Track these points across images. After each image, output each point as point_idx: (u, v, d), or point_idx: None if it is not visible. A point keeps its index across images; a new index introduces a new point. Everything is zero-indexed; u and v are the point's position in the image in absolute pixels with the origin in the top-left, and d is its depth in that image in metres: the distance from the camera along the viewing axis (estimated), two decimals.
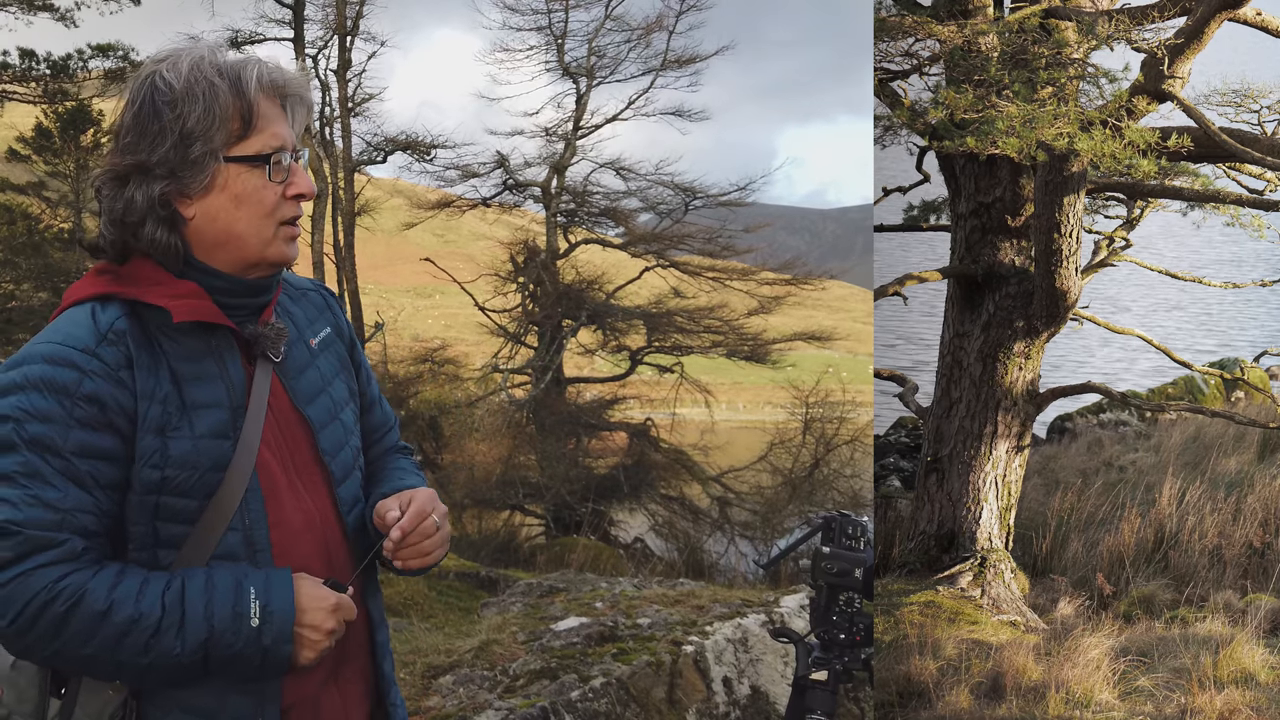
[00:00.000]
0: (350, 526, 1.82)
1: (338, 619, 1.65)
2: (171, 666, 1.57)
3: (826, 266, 21.72)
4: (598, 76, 19.81)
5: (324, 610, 1.64)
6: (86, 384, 1.57)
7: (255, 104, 1.66)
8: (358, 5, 18.58)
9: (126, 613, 1.54)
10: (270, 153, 1.67)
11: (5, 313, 15.56)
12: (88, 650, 1.54)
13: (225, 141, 1.65)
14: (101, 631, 1.54)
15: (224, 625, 1.57)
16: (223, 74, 1.65)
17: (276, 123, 1.69)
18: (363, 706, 1.85)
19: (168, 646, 1.55)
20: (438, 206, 20.57)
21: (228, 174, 1.66)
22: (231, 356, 1.71)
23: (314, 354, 1.86)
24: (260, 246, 1.70)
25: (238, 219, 1.67)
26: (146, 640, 1.55)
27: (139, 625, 1.55)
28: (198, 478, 1.63)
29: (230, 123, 1.65)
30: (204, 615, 1.57)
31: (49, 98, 16.30)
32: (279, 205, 1.69)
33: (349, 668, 1.82)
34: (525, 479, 16.92)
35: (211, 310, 1.67)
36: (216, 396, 1.67)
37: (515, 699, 3.82)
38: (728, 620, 4.66)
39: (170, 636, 1.56)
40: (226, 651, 1.58)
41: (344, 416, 1.86)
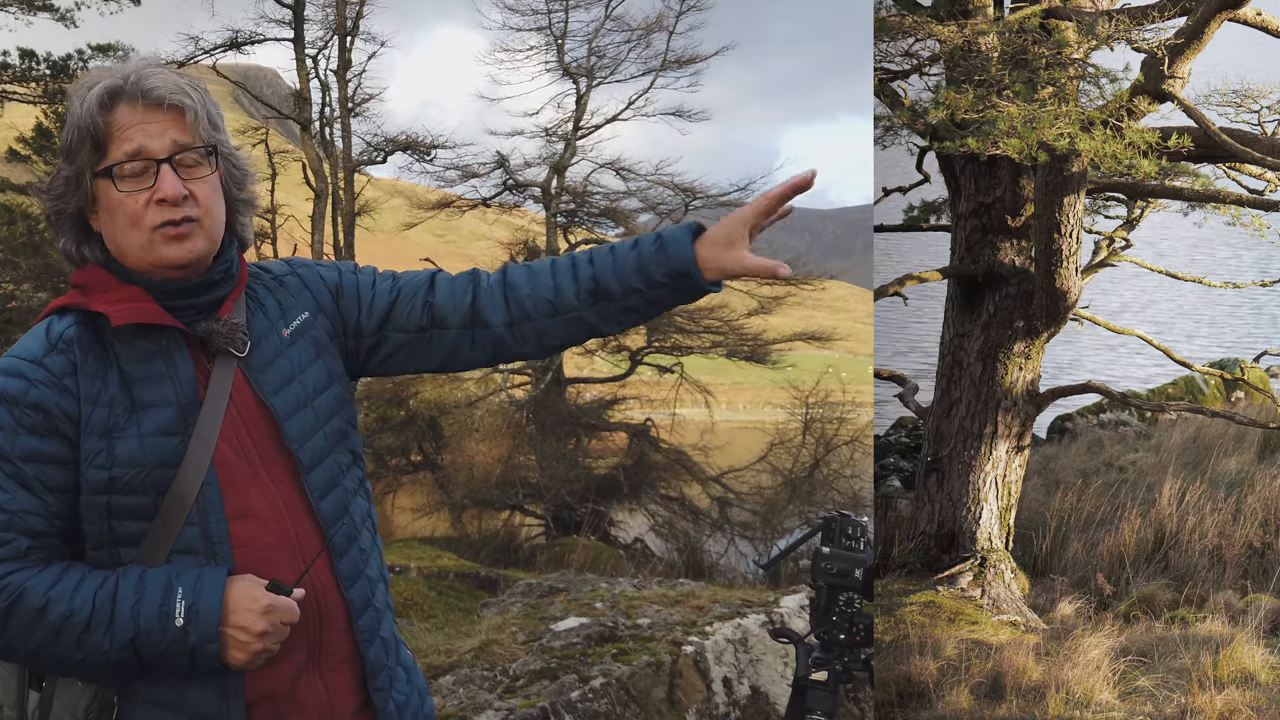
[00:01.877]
0: (324, 513, 1.82)
1: (269, 621, 1.66)
2: (104, 663, 1.62)
3: (826, 266, 21.73)
4: (598, 76, 19.81)
5: (253, 612, 1.65)
6: (32, 393, 1.66)
7: (98, 121, 1.71)
8: (358, 5, 18.58)
9: (60, 610, 1.60)
10: (119, 162, 1.71)
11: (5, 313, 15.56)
12: (30, 646, 1.61)
13: (88, 159, 1.72)
14: (39, 628, 1.60)
15: (150, 624, 1.62)
16: (83, 95, 1.73)
17: (135, 131, 1.72)
18: (352, 695, 1.85)
19: (97, 643, 1.61)
20: (438, 207, 20.57)
21: (98, 189, 1.74)
22: (181, 355, 1.75)
23: (286, 343, 1.87)
24: (140, 253, 1.74)
25: (115, 230, 1.75)
26: (78, 637, 1.60)
27: (70, 622, 1.60)
28: (146, 475, 1.67)
29: (86, 142, 1.72)
30: (131, 614, 1.62)
31: (49, 98, 16.29)
32: (145, 212, 1.72)
33: (333, 657, 1.82)
34: (525, 479, 16.91)
35: (153, 311, 1.73)
36: (164, 395, 1.71)
37: (515, 699, 3.82)
38: (728, 620, 4.66)
39: (99, 634, 1.61)
40: (154, 650, 1.62)
41: (319, 402, 1.87)
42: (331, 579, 1.81)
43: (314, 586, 1.78)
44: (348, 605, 1.84)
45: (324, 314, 1.95)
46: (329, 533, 1.81)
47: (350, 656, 1.85)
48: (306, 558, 1.77)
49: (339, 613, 1.82)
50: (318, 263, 2.03)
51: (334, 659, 1.82)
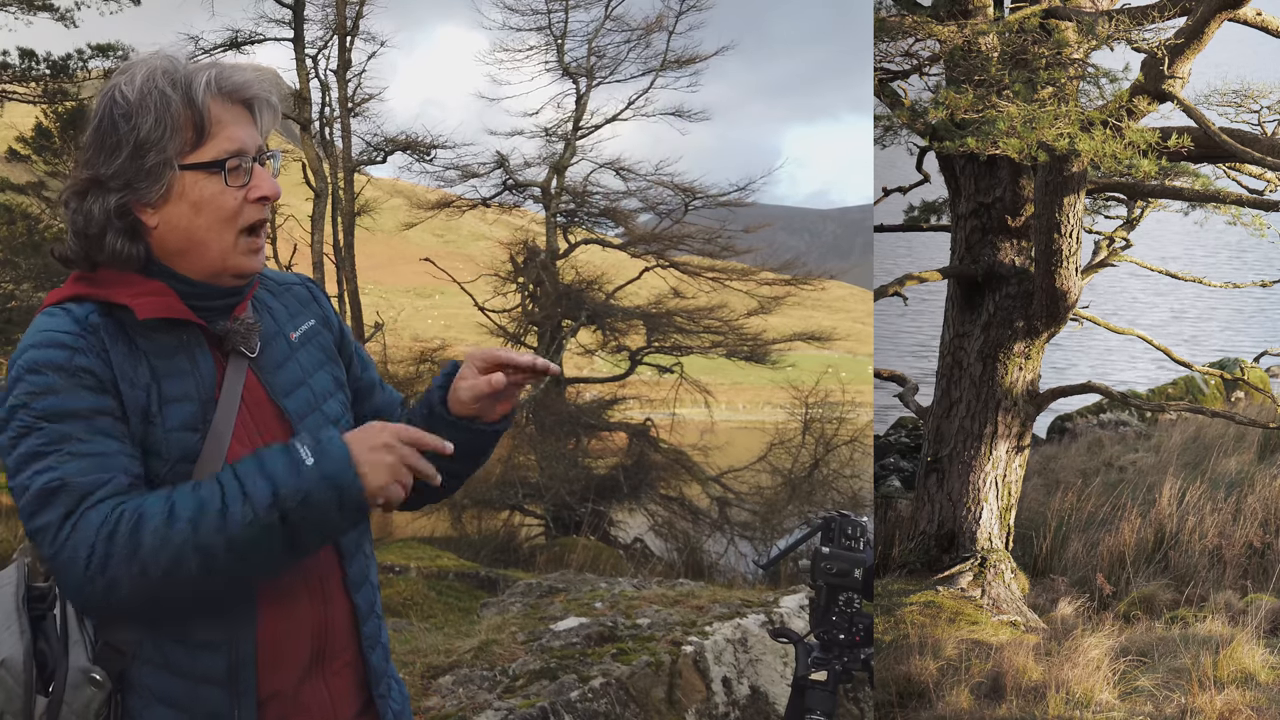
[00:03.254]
0: None
1: (390, 433, 1.64)
2: (253, 537, 1.55)
3: (826, 266, 21.73)
4: (598, 76, 19.82)
5: (372, 431, 1.64)
6: (78, 358, 1.62)
7: (206, 110, 1.68)
8: (358, 5, 18.59)
9: (188, 506, 1.55)
10: (225, 157, 1.69)
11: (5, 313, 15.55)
12: (166, 555, 1.53)
13: (180, 150, 1.67)
14: (172, 533, 1.54)
15: (284, 475, 1.57)
16: (175, 83, 1.68)
17: (235, 126, 1.71)
18: (354, 699, 1.85)
19: (240, 515, 1.54)
20: (438, 206, 20.57)
21: (184, 182, 1.68)
22: (202, 351, 1.74)
23: (294, 347, 1.87)
24: (221, 254, 1.72)
25: (198, 226, 1.70)
26: (216, 519, 1.54)
27: (205, 510, 1.55)
28: (167, 469, 1.66)
29: (183, 131, 1.67)
30: (260, 474, 1.57)
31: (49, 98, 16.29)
32: (240, 210, 1.71)
33: (336, 661, 1.82)
34: (525, 479, 16.91)
35: (177, 307, 1.71)
36: (187, 390, 1.70)
37: (515, 699, 3.82)
38: (727, 620, 4.66)
39: (238, 505, 1.55)
40: (295, 498, 1.56)
41: (327, 407, 1.87)
42: (339, 582, 1.82)
43: (322, 588, 1.78)
44: (354, 609, 1.84)
45: (330, 330, 1.97)
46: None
47: (353, 661, 1.85)
48: (319, 560, 1.77)
49: (345, 617, 1.82)
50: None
51: (337, 663, 1.82)
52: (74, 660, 1.66)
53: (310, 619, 1.76)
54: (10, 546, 8.55)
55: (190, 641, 1.68)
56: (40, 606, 1.74)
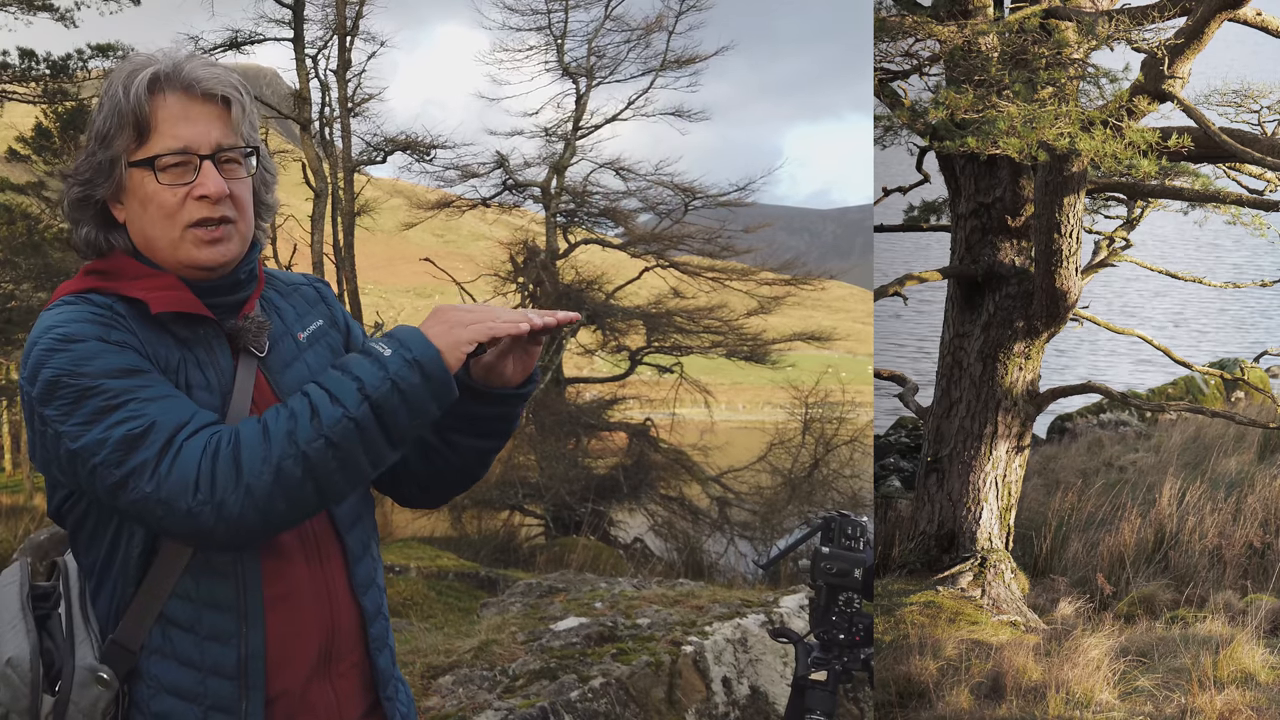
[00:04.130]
0: (340, 518, 1.82)
1: (462, 311, 1.68)
2: (350, 433, 1.57)
3: (826, 266, 21.72)
4: (597, 76, 19.81)
5: (445, 309, 1.68)
6: (114, 333, 1.63)
7: (143, 108, 1.68)
8: (358, 5, 18.58)
9: (281, 419, 1.58)
10: (164, 154, 1.68)
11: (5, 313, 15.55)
12: (269, 469, 1.55)
13: (126, 147, 1.69)
14: (271, 446, 1.56)
15: (365, 370, 1.60)
16: (129, 79, 1.69)
17: (183, 124, 1.69)
18: (359, 701, 1.85)
19: (332, 416, 1.57)
20: (437, 206, 20.56)
21: (133, 178, 1.70)
22: (220, 345, 1.75)
23: (302, 347, 1.88)
24: (169, 249, 1.72)
25: (145, 222, 1.72)
26: (311, 424, 1.57)
27: (298, 419, 1.58)
28: None
29: (127, 128, 1.69)
30: (344, 375, 1.61)
31: (49, 98, 16.28)
32: (182, 208, 1.70)
33: (342, 663, 1.82)
34: (525, 479, 16.90)
35: (191, 301, 1.71)
36: (209, 380, 1.71)
37: (515, 699, 3.82)
38: (727, 620, 4.66)
39: (327, 407, 1.58)
40: (383, 387, 1.58)
41: None
42: (346, 584, 1.82)
43: (329, 590, 1.78)
44: (361, 611, 1.84)
45: (338, 330, 1.97)
46: (343, 537, 1.82)
47: (359, 663, 1.85)
48: (323, 558, 1.78)
49: (353, 618, 1.82)
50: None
51: (344, 664, 1.82)
52: (80, 659, 1.67)
53: (318, 620, 1.76)
54: (10, 546, 8.55)
55: (199, 632, 1.68)
56: (45, 606, 1.75)
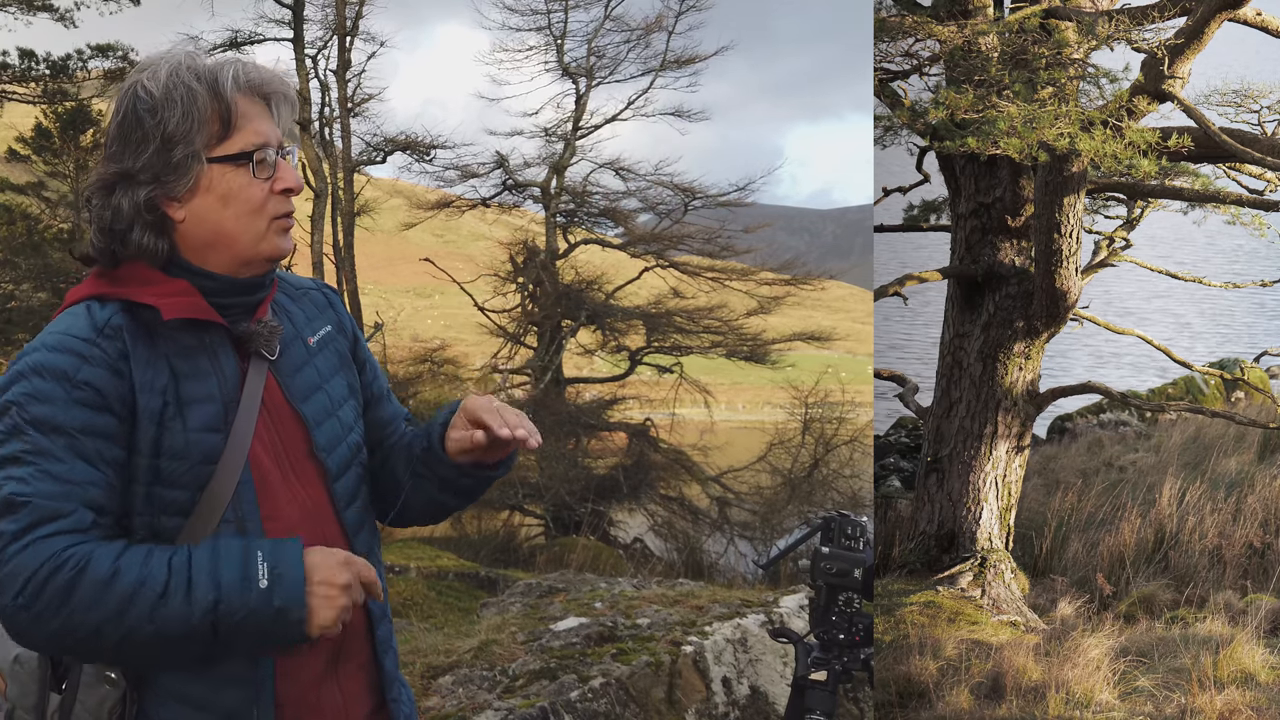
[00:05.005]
0: (348, 522, 1.83)
1: (351, 572, 1.62)
2: (179, 635, 1.53)
3: (826, 266, 21.74)
4: (597, 77, 19.82)
5: (335, 564, 1.61)
6: (85, 370, 1.61)
7: (233, 104, 1.69)
8: (358, 5, 18.59)
9: (132, 576, 1.52)
10: (252, 150, 1.70)
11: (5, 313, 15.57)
12: (94, 619, 1.51)
13: (206, 143, 1.69)
14: (106, 598, 1.51)
15: (232, 587, 1.54)
16: (200, 77, 1.69)
17: (258, 120, 1.72)
18: (365, 702, 1.86)
19: (175, 610, 1.52)
20: (437, 206, 20.57)
21: (212, 174, 1.69)
22: (225, 352, 1.74)
23: (312, 352, 1.88)
24: (253, 242, 1.73)
25: (226, 217, 1.71)
26: (153, 605, 1.52)
27: (145, 589, 1.52)
28: (187, 469, 1.65)
29: (210, 124, 1.68)
30: (211, 577, 1.54)
31: (49, 98, 16.30)
32: (267, 201, 1.72)
33: (350, 664, 1.83)
34: (525, 479, 16.90)
35: (202, 307, 1.71)
36: (209, 391, 1.70)
37: (515, 699, 3.82)
38: (727, 620, 4.66)
39: (178, 600, 1.52)
40: (236, 615, 1.54)
41: (342, 413, 1.88)
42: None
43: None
44: (368, 613, 1.85)
45: (345, 336, 1.98)
46: (352, 543, 1.82)
47: (366, 665, 1.86)
48: None
49: (360, 621, 1.83)
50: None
51: (351, 666, 1.83)
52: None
53: None
54: None
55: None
56: None
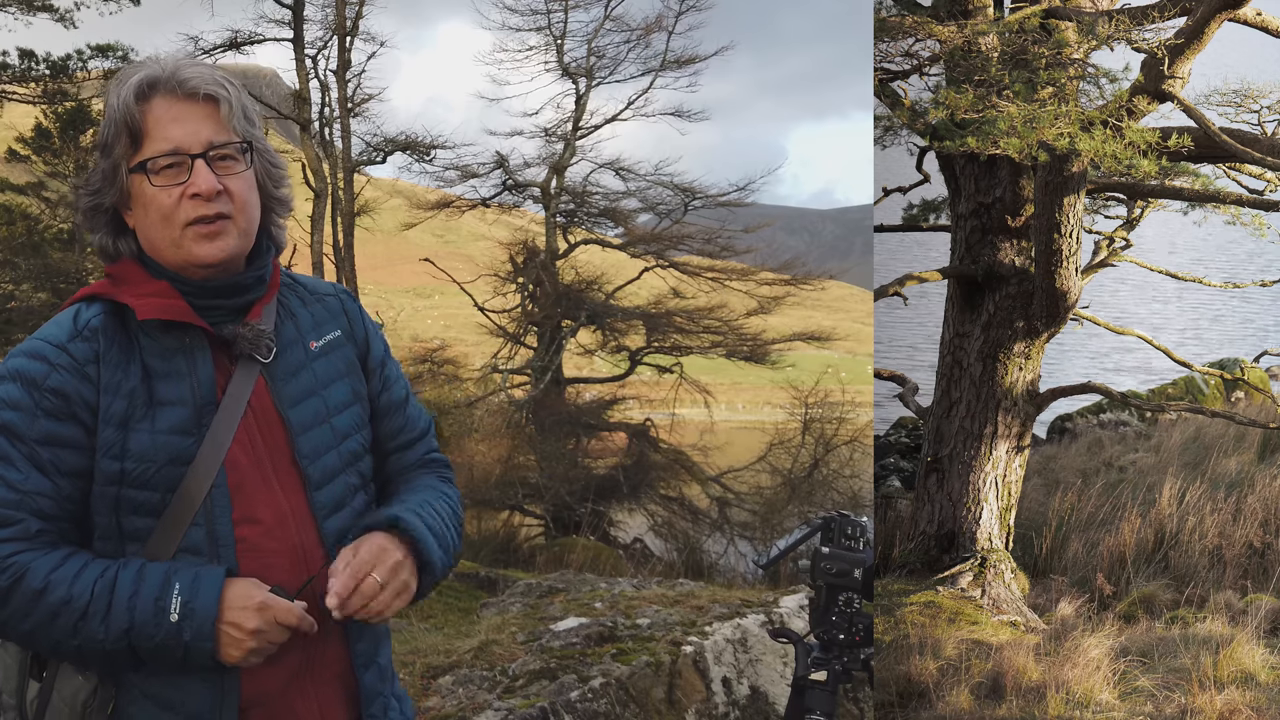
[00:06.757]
0: (328, 531, 1.81)
1: (264, 619, 1.65)
2: (99, 651, 1.63)
3: (826, 266, 21.75)
4: (597, 77, 19.83)
5: (247, 610, 1.65)
6: (53, 377, 1.67)
7: (136, 114, 1.71)
8: (358, 5, 18.58)
9: (59, 594, 1.61)
10: (154, 157, 1.71)
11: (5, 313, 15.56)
12: (26, 626, 1.62)
13: (124, 153, 1.72)
14: (36, 610, 1.61)
15: (145, 617, 1.62)
16: (119, 87, 1.73)
17: (172, 126, 1.71)
18: (341, 714, 1.85)
19: (93, 631, 1.61)
20: (437, 207, 20.58)
21: (134, 184, 1.74)
22: (203, 355, 1.75)
23: (311, 356, 1.86)
24: (172, 250, 1.74)
25: (147, 225, 1.75)
26: (75, 623, 1.61)
27: (69, 608, 1.61)
28: (155, 471, 1.67)
29: (122, 135, 1.72)
30: (127, 606, 1.62)
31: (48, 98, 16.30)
32: (178, 207, 1.72)
33: (325, 673, 1.82)
34: (525, 479, 16.91)
35: (178, 309, 1.72)
36: (181, 394, 1.72)
37: (515, 699, 3.82)
38: (727, 621, 4.66)
39: (95, 622, 1.61)
40: (148, 643, 1.62)
41: (337, 421, 1.86)
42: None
43: (312, 598, 1.77)
44: (344, 625, 1.82)
45: (355, 344, 1.96)
46: (330, 552, 1.80)
47: (343, 675, 1.85)
48: (310, 569, 1.77)
49: (336, 632, 1.81)
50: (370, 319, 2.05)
51: (326, 674, 1.82)
52: None
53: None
54: None
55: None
56: None
